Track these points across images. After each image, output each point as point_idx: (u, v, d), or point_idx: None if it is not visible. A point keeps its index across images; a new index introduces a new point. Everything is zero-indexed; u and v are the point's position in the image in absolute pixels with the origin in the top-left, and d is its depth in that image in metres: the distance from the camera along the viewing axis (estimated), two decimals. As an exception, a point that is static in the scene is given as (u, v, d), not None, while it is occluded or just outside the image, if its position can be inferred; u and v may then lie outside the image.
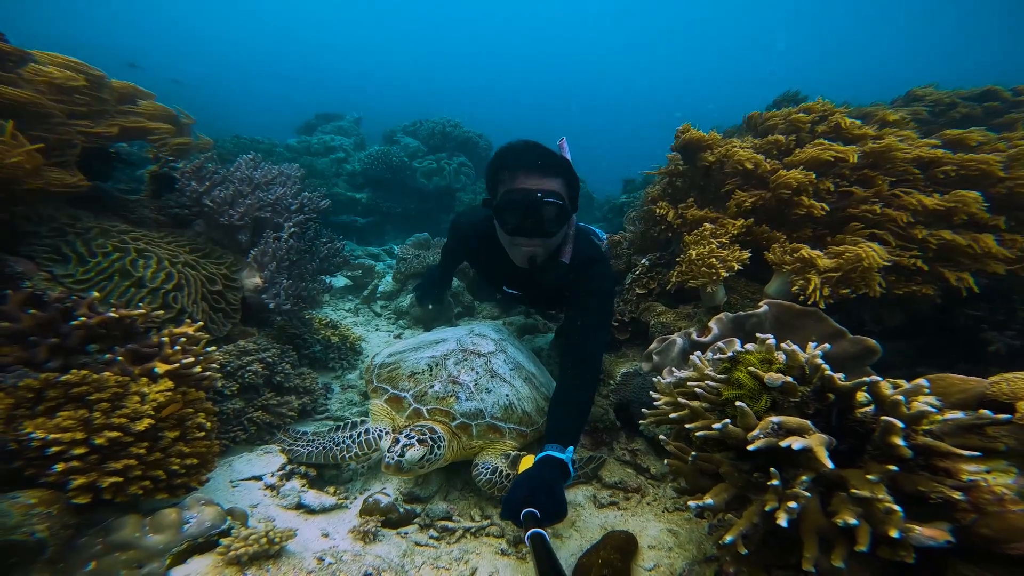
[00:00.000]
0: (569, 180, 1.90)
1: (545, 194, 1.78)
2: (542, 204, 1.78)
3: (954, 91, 3.91)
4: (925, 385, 0.87)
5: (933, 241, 2.04)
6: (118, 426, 1.26)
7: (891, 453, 0.81)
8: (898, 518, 0.77)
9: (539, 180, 1.81)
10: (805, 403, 0.93)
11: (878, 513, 0.79)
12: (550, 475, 1.56)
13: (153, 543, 1.28)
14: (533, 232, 1.85)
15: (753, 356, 1.01)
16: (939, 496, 0.79)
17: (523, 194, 1.79)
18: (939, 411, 0.84)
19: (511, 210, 1.82)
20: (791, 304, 1.63)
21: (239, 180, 2.32)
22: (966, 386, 0.96)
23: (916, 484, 0.81)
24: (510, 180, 1.84)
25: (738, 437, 0.91)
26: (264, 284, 2.23)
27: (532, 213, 1.80)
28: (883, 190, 2.21)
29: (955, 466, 0.81)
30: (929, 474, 0.83)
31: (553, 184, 1.83)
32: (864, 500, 0.80)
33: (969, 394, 0.95)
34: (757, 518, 0.89)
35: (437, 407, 1.83)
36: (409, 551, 1.69)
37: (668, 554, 1.71)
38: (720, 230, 2.17)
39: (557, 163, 1.86)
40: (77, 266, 1.68)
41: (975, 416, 0.84)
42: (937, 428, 0.87)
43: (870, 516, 0.80)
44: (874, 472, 0.80)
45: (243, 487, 1.85)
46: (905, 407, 0.83)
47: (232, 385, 1.94)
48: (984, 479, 0.81)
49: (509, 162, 1.86)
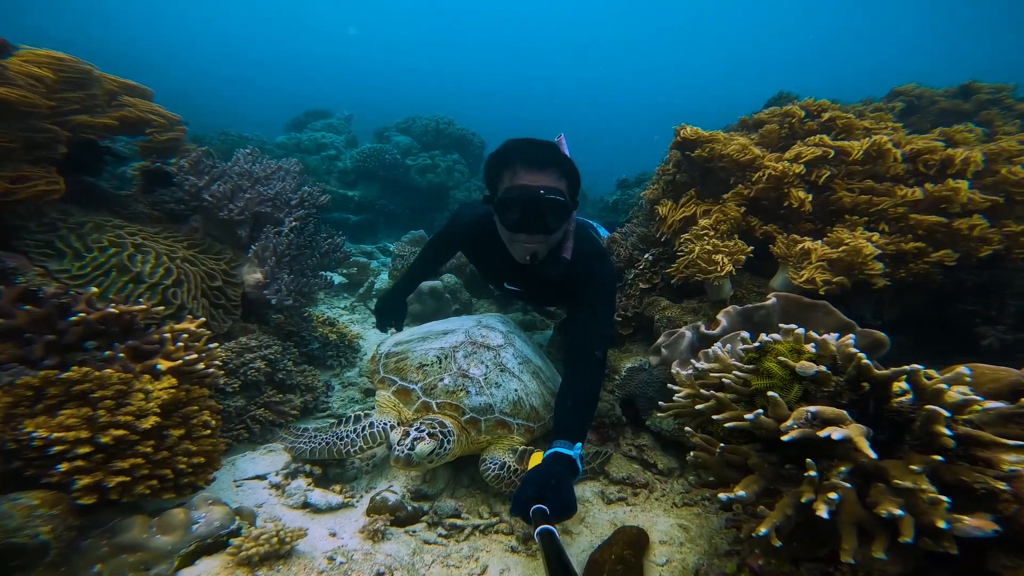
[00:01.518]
0: (570, 175, 1.88)
1: (547, 190, 1.76)
2: (544, 200, 1.76)
3: (935, 90, 4.00)
4: (967, 373, 0.87)
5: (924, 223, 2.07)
6: (124, 424, 1.22)
7: (933, 443, 0.81)
8: (943, 509, 0.77)
9: (540, 176, 1.79)
10: (839, 393, 0.92)
11: (921, 504, 0.78)
12: (559, 472, 1.56)
13: (161, 544, 1.24)
14: (535, 228, 1.83)
15: (783, 345, 1.00)
16: (983, 486, 0.79)
17: (524, 190, 1.77)
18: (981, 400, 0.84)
19: (512, 206, 1.80)
20: (799, 297, 1.63)
21: (238, 174, 2.27)
22: (997, 375, 0.97)
23: (958, 474, 0.81)
24: (511, 176, 1.82)
25: (770, 428, 0.90)
26: (265, 279, 2.18)
27: (533, 209, 1.78)
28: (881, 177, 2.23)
29: (996, 456, 0.81)
30: (968, 464, 0.83)
31: (554, 180, 1.81)
32: (906, 491, 0.79)
33: (1001, 383, 0.95)
34: (791, 510, 0.88)
35: (447, 401, 1.81)
36: (418, 549, 1.67)
37: (680, 549, 1.70)
38: (720, 216, 2.18)
39: (558, 158, 1.84)
40: (73, 261, 1.62)
41: (1017, 405, 0.84)
42: (976, 418, 0.87)
43: (912, 507, 0.80)
44: (916, 463, 0.80)
45: (248, 486, 1.81)
46: (947, 395, 0.82)
47: (234, 382, 1.89)
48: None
49: (510, 158, 1.83)
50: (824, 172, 2.23)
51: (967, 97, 3.84)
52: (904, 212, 2.11)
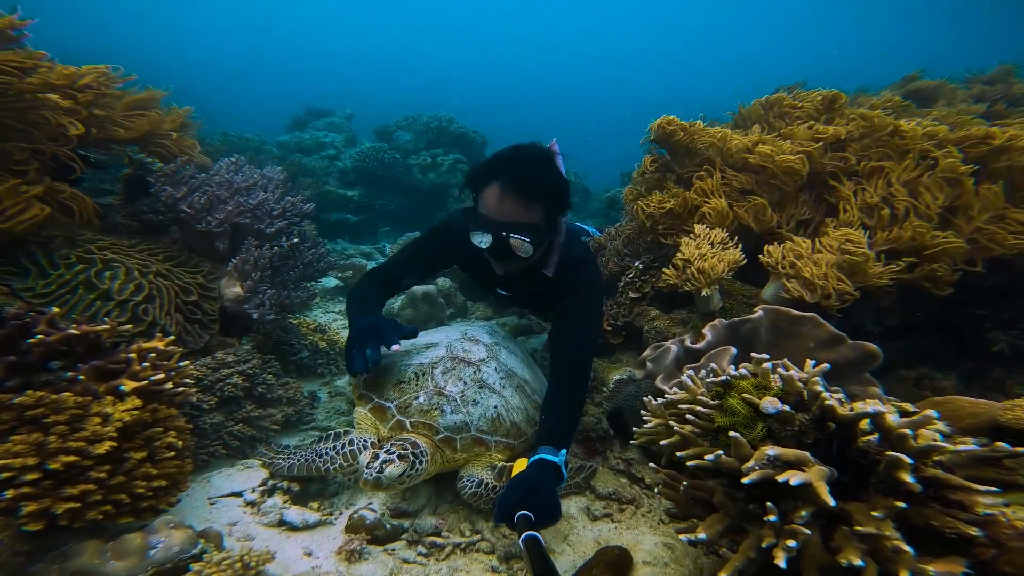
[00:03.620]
0: (553, 201, 1.77)
1: (514, 227, 1.67)
2: (507, 239, 1.68)
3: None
4: (934, 416, 0.80)
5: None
6: (75, 450, 1.19)
7: (899, 488, 0.74)
8: (909, 558, 0.71)
9: (516, 206, 1.68)
10: (804, 432, 0.86)
11: (886, 551, 0.72)
12: (543, 478, 1.53)
13: (114, 570, 1.21)
14: (503, 257, 1.77)
15: (747, 382, 0.94)
16: (953, 532, 0.72)
17: (491, 224, 1.69)
18: (949, 441, 0.77)
19: (481, 235, 1.72)
20: (787, 310, 1.56)
21: (218, 184, 2.23)
22: (976, 410, 0.89)
23: (928, 518, 0.75)
24: (484, 201, 1.74)
25: (732, 468, 0.85)
26: (245, 293, 2.15)
27: (499, 244, 1.71)
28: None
29: (969, 499, 0.74)
30: (941, 507, 0.76)
31: (527, 212, 1.70)
32: (870, 536, 0.73)
33: (980, 419, 0.88)
34: (754, 553, 0.82)
35: (420, 420, 1.77)
36: (396, 570, 1.63)
37: (664, 570, 1.64)
38: (711, 209, 2.13)
39: (535, 186, 1.71)
40: (38, 279, 1.60)
41: (991, 448, 0.78)
42: (947, 459, 0.80)
43: (877, 553, 0.74)
44: (880, 508, 0.74)
45: (222, 504, 1.79)
46: (912, 440, 0.76)
47: (210, 399, 1.86)
48: (1003, 513, 0.75)
49: (489, 175, 1.73)
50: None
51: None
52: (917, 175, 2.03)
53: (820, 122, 2.48)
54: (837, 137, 2.22)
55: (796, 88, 3.61)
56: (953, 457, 0.80)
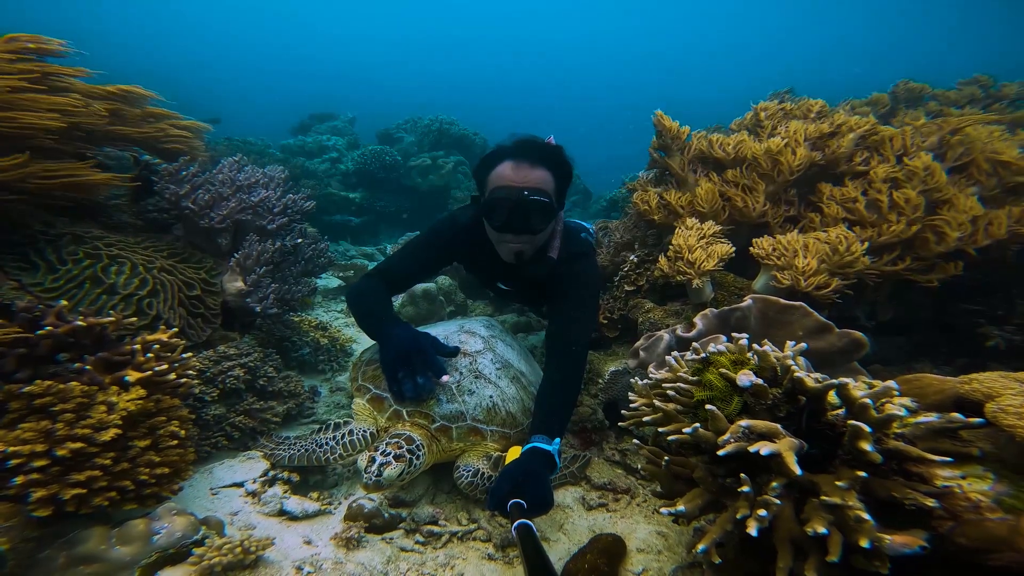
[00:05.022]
0: (559, 171, 1.90)
1: (532, 191, 1.79)
2: (528, 202, 1.79)
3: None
4: (894, 387, 0.82)
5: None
6: (81, 437, 1.23)
7: (861, 458, 0.77)
8: (869, 527, 0.73)
9: (527, 175, 1.81)
10: (776, 406, 0.88)
11: (849, 521, 0.75)
12: (536, 466, 1.56)
13: (119, 555, 1.25)
14: (520, 229, 1.86)
15: (725, 357, 0.97)
16: (912, 503, 0.75)
17: (510, 192, 1.80)
18: (910, 413, 0.80)
19: (498, 207, 1.83)
20: (776, 299, 1.59)
21: (220, 182, 2.28)
22: (943, 387, 0.92)
23: (890, 490, 0.77)
24: (498, 176, 1.85)
25: (710, 441, 0.87)
26: (247, 288, 2.20)
27: (518, 211, 1.81)
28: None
29: (929, 471, 0.77)
30: (903, 479, 0.79)
31: (541, 179, 1.83)
32: (835, 507, 0.75)
33: (945, 395, 0.90)
34: (730, 525, 0.85)
35: (417, 409, 1.80)
36: (393, 557, 1.66)
37: (657, 557, 1.67)
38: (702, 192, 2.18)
39: (546, 155, 1.86)
40: (46, 274, 1.65)
41: (946, 419, 0.80)
42: (909, 432, 0.82)
43: (842, 524, 0.76)
44: (844, 478, 0.76)
45: (224, 494, 1.83)
46: (874, 410, 0.78)
47: (212, 391, 1.91)
48: (959, 485, 0.77)
49: (497, 157, 1.87)
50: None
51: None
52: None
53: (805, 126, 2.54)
54: (820, 133, 2.26)
55: (785, 93, 3.70)
56: (914, 429, 0.82)
